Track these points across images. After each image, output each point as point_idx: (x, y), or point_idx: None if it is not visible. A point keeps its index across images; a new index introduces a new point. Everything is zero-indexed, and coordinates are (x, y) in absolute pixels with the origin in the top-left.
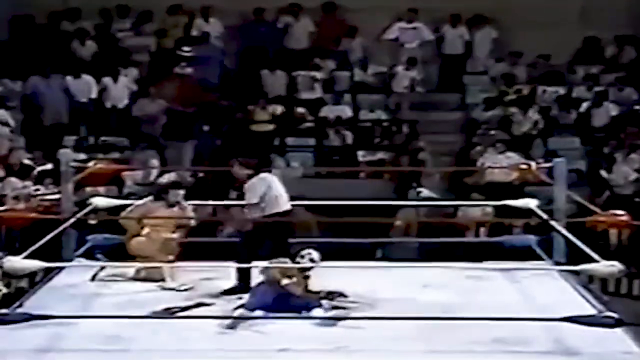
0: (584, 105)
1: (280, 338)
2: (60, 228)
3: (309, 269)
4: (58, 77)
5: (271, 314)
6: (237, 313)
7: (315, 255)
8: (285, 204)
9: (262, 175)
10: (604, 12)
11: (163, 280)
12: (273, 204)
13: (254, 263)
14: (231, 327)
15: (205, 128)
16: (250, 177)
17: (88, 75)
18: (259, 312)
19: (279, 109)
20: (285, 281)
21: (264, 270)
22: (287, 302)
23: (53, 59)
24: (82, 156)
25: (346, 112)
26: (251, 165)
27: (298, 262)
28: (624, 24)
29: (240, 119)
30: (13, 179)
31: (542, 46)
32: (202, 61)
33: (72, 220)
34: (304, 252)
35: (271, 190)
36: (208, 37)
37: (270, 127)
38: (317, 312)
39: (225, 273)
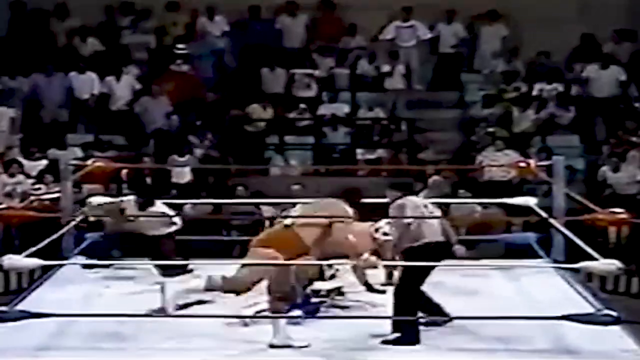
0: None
1: None
2: (63, 230)
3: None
4: (60, 74)
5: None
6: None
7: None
8: None
9: None
10: (603, 9)
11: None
12: None
13: None
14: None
15: (198, 123)
16: None
17: (91, 72)
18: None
19: (272, 110)
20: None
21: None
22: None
23: (55, 56)
24: (79, 153)
25: (343, 109)
26: None
27: None
28: (623, 20)
29: (234, 118)
30: (3, 176)
31: (540, 43)
32: (198, 58)
33: (73, 223)
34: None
35: None
36: (205, 34)
37: (262, 125)
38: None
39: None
